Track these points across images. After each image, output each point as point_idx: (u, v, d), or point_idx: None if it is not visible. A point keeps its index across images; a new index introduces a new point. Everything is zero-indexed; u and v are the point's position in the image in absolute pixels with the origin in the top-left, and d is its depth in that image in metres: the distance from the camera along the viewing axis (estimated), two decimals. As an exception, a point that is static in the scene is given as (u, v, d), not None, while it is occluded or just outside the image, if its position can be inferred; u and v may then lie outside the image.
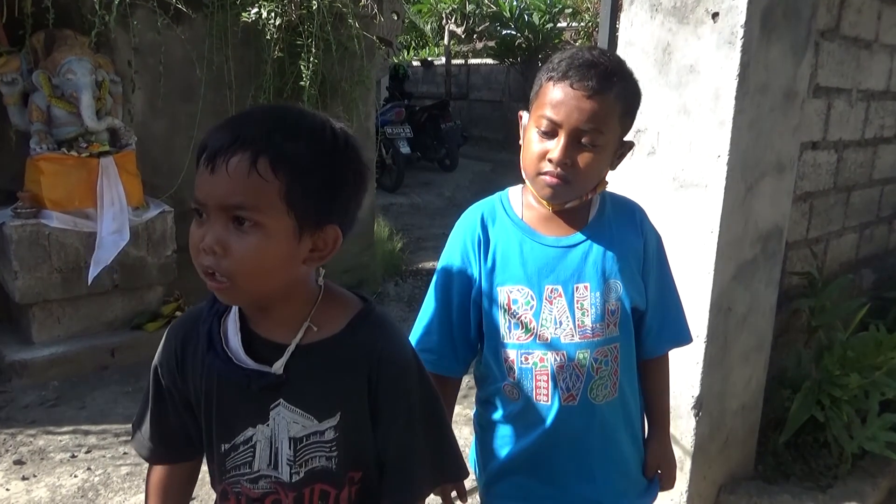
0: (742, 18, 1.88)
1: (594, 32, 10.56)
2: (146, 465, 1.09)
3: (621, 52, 2.17)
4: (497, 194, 1.37)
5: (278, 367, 0.92)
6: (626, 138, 1.27)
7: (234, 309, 0.97)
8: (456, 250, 1.33)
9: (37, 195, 3.32)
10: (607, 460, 1.33)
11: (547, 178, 1.21)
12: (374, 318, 0.98)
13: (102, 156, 3.40)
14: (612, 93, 1.17)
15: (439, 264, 1.36)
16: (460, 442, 1.10)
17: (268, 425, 0.96)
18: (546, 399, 1.27)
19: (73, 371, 3.32)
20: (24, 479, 2.50)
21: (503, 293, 1.27)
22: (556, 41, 13.22)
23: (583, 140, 1.17)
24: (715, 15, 1.93)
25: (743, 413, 2.38)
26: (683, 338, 1.41)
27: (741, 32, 1.88)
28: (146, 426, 1.04)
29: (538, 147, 1.21)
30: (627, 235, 1.30)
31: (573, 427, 1.29)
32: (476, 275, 1.30)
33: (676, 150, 2.03)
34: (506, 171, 10.52)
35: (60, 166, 3.32)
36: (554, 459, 1.31)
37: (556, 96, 1.18)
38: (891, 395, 2.49)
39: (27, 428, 2.86)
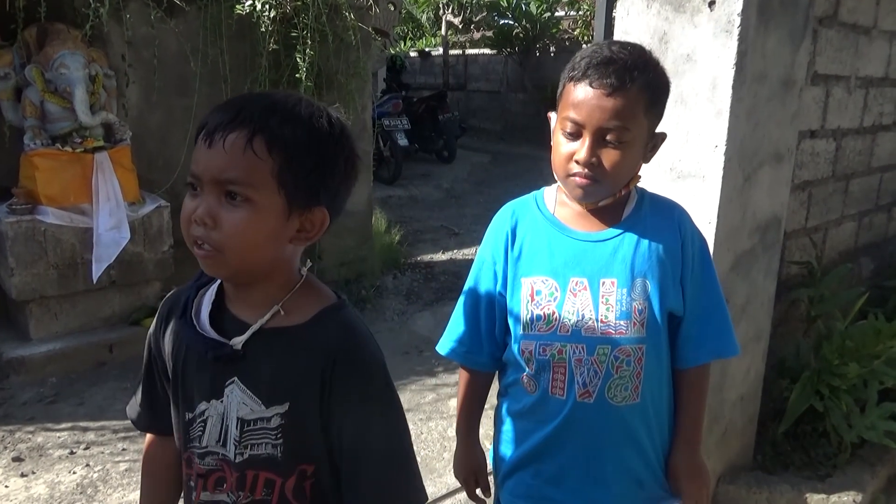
0: (739, 6, 1.85)
1: (592, 21, 10.49)
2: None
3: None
4: (533, 192, 1.37)
5: (238, 341, 0.94)
6: (658, 129, 1.25)
7: (215, 284, 1.01)
8: (487, 246, 1.36)
9: (32, 191, 3.31)
10: (622, 467, 1.29)
11: (577, 179, 1.20)
12: (341, 316, 0.98)
13: (97, 151, 3.38)
14: (635, 87, 1.15)
15: (475, 260, 1.39)
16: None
17: (221, 402, 0.97)
18: (562, 393, 1.25)
19: (71, 367, 3.32)
20: (22, 475, 2.50)
21: (527, 284, 1.27)
22: (554, 30, 13.17)
23: (608, 138, 1.17)
24: (711, 3, 1.91)
25: (742, 404, 2.37)
26: (726, 349, 1.34)
27: (738, 21, 1.86)
28: (139, 392, 1.11)
29: (565, 149, 1.21)
30: (663, 235, 1.27)
31: (586, 425, 1.26)
32: (501, 269, 1.31)
33: (674, 141, 2.01)
34: (504, 162, 10.50)
35: (55, 162, 3.30)
36: (564, 458, 1.29)
37: (577, 97, 1.18)
38: (889, 383, 2.49)
39: (25, 425, 2.85)
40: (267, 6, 3.73)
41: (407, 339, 3.89)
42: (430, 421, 2.95)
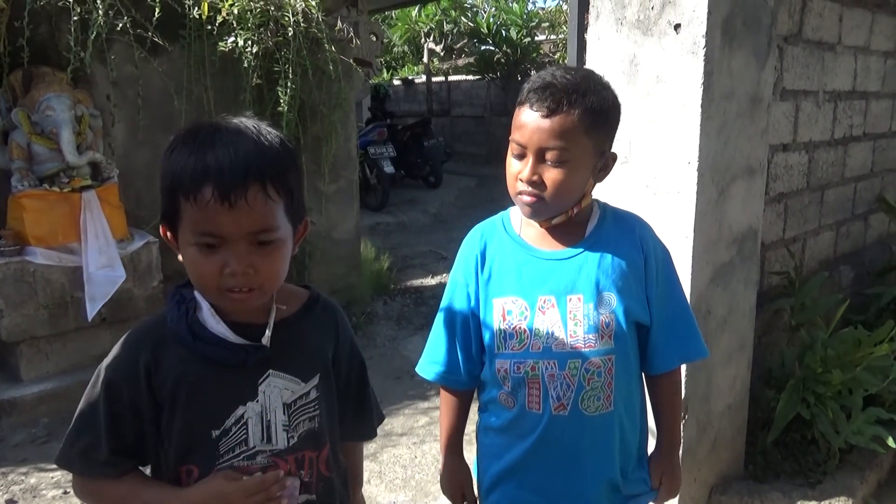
0: (703, 29, 1.93)
1: (571, 45, 10.67)
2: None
3: (590, 66, 2.22)
4: (499, 214, 1.43)
5: (266, 339, 1.04)
6: (611, 150, 1.30)
7: (206, 305, 1.03)
8: (459, 268, 1.41)
9: (20, 232, 3.33)
10: (599, 473, 1.34)
11: (523, 197, 1.27)
12: (324, 298, 1.18)
13: (84, 190, 3.41)
14: (573, 110, 1.20)
15: (448, 283, 1.44)
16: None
17: (257, 401, 1.05)
18: (538, 408, 1.30)
19: (62, 407, 3.30)
20: (16, 518, 2.49)
21: (498, 305, 1.32)
22: (535, 54, 13.37)
23: (548, 157, 1.22)
24: (677, 26, 1.98)
25: (729, 413, 2.41)
26: (694, 352, 1.41)
27: (703, 42, 1.94)
28: (102, 446, 1.02)
29: (513, 169, 1.28)
30: (626, 249, 1.31)
31: (564, 437, 1.31)
32: (473, 290, 1.36)
33: (648, 159, 2.08)
34: (491, 185, 10.58)
35: (43, 202, 3.33)
36: (545, 469, 1.33)
37: (520, 120, 1.25)
38: (873, 390, 2.53)
39: (18, 466, 2.84)
40: (249, 42, 3.80)
41: (399, 364, 3.91)
42: (424, 444, 2.96)
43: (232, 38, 3.81)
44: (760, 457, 2.63)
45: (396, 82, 16.53)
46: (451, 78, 15.39)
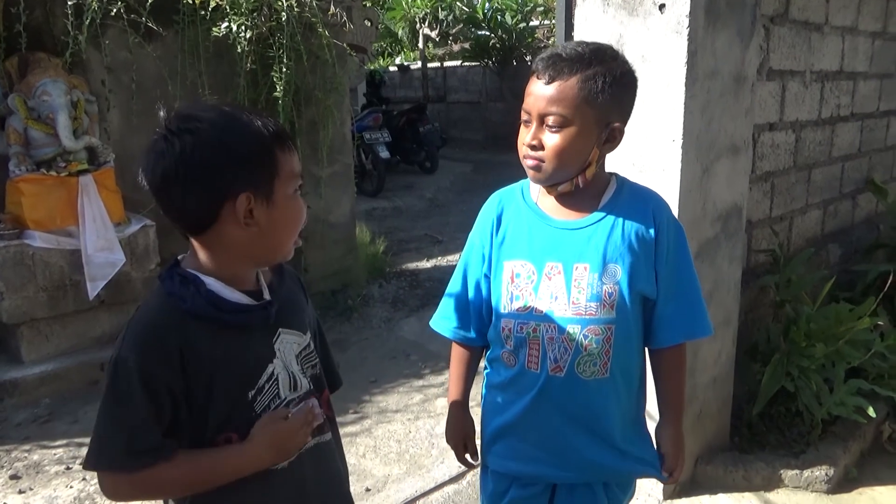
0: (687, 9, 1.97)
1: (566, 29, 10.64)
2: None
3: (577, 46, 2.26)
4: (519, 182, 1.47)
5: (267, 295, 1.14)
6: (620, 123, 1.31)
7: (210, 280, 1.07)
8: (476, 230, 1.48)
9: (18, 216, 3.37)
10: (593, 433, 1.40)
11: (527, 160, 1.33)
12: (287, 266, 1.25)
13: (81, 174, 3.44)
14: (574, 78, 1.24)
15: (466, 243, 1.51)
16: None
17: (277, 357, 1.14)
18: (536, 367, 1.37)
19: (64, 387, 3.36)
20: (20, 492, 2.55)
21: (508, 267, 1.39)
22: (530, 40, 13.35)
23: (549, 123, 1.27)
24: (662, 6, 2.02)
25: (714, 386, 2.47)
26: (698, 330, 1.42)
27: (687, 22, 1.98)
28: (148, 434, 1.02)
29: (521, 136, 1.34)
30: (637, 223, 1.34)
31: (559, 396, 1.36)
32: (488, 252, 1.43)
33: (634, 137, 2.12)
34: (486, 170, 10.62)
35: (40, 187, 3.37)
36: (543, 426, 1.40)
37: (528, 89, 1.31)
38: (856, 363, 2.60)
39: (21, 444, 2.90)
40: (243, 27, 3.81)
41: (394, 345, 3.96)
42: (419, 420, 3.02)
43: (225, 23, 3.82)
44: (746, 429, 2.70)
45: (392, 68, 16.49)
46: (447, 64, 15.37)
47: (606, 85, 1.25)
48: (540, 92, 1.27)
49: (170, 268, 1.09)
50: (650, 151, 2.12)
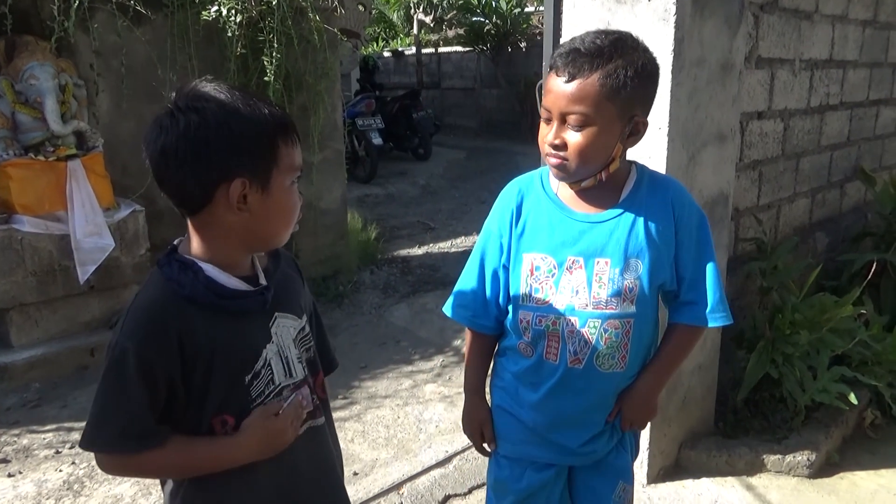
0: (674, -5, 1.97)
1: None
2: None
3: (566, 33, 2.26)
4: (538, 169, 1.46)
5: (262, 280, 1.15)
6: (643, 115, 1.29)
7: (208, 266, 1.08)
8: (493, 219, 1.46)
9: (6, 201, 3.35)
10: (605, 421, 1.44)
11: (550, 159, 1.31)
12: (283, 250, 1.25)
13: (70, 159, 3.43)
14: (595, 74, 1.21)
15: (482, 230, 1.49)
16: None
17: (273, 342, 1.15)
18: (555, 359, 1.38)
19: (53, 372, 3.36)
20: (9, 476, 2.56)
21: (528, 259, 1.38)
22: (525, 26, 13.28)
23: (571, 121, 1.25)
24: (649, -7, 2.02)
25: (699, 373, 2.49)
26: (714, 318, 1.39)
27: (674, 9, 1.98)
28: (143, 420, 1.04)
29: (542, 133, 1.32)
30: (657, 216, 1.33)
31: (576, 386, 1.39)
32: (506, 242, 1.41)
33: (621, 125, 2.13)
34: (480, 157, 10.60)
35: (28, 171, 3.35)
36: (555, 412, 1.42)
37: (548, 85, 1.29)
38: (840, 350, 2.62)
39: (10, 429, 2.91)
40: (233, 11, 3.79)
41: (384, 331, 3.98)
42: (407, 406, 3.04)
43: (215, 7, 3.80)
44: (731, 414, 2.72)
45: (386, 54, 16.40)
46: (441, 49, 15.29)
47: (628, 78, 1.22)
48: (560, 90, 1.24)
49: (167, 253, 1.10)
50: (637, 139, 2.12)
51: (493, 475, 1.57)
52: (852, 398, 2.52)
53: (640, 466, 2.39)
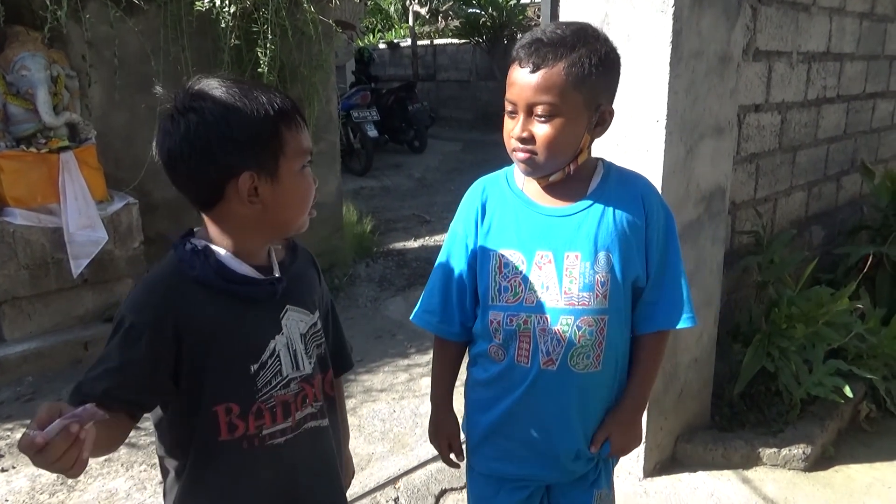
0: (672, -13, 1.95)
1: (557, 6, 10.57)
2: (124, 450, 1.09)
3: (563, 24, 2.24)
4: (504, 168, 1.42)
5: (276, 272, 1.15)
6: (609, 104, 1.26)
7: (222, 252, 1.09)
8: (459, 220, 1.41)
9: (-2, 193, 3.32)
10: (584, 429, 1.37)
11: (517, 153, 1.27)
12: (299, 244, 1.26)
13: (62, 151, 3.39)
14: (560, 64, 1.18)
15: (448, 233, 1.45)
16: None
17: (282, 333, 1.14)
18: (526, 361, 1.32)
19: (47, 366, 3.34)
20: (3, 470, 2.54)
21: (496, 257, 1.33)
22: (520, 17, 13.23)
23: (538, 112, 1.22)
24: (647, -16, 2.00)
25: (696, 367, 2.49)
26: (676, 320, 1.36)
27: (672, 1, 1.96)
28: (129, 388, 1.04)
29: (507, 127, 1.29)
30: (627, 209, 1.30)
31: (551, 391, 1.32)
32: (472, 243, 1.37)
33: (618, 117, 2.09)
34: (476, 150, 10.58)
35: (20, 163, 3.31)
36: (532, 422, 1.36)
37: (511, 78, 1.25)
38: (835, 344, 2.63)
39: (4, 423, 2.89)
40: (227, 2, 3.75)
41: (380, 324, 3.97)
42: (403, 399, 3.03)
43: (209, -2, 3.76)
44: (727, 408, 2.73)
45: (382, 46, 16.32)
46: (437, 41, 15.22)
47: (593, 66, 1.20)
48: (525, 81, 1.21)
49: (183, 236, 1.12)
50: (634, 132, 2.11)
51: (469, 489, 1.53)
52: (848, 391, 2.52)
53: (637, 460, 2.39)
